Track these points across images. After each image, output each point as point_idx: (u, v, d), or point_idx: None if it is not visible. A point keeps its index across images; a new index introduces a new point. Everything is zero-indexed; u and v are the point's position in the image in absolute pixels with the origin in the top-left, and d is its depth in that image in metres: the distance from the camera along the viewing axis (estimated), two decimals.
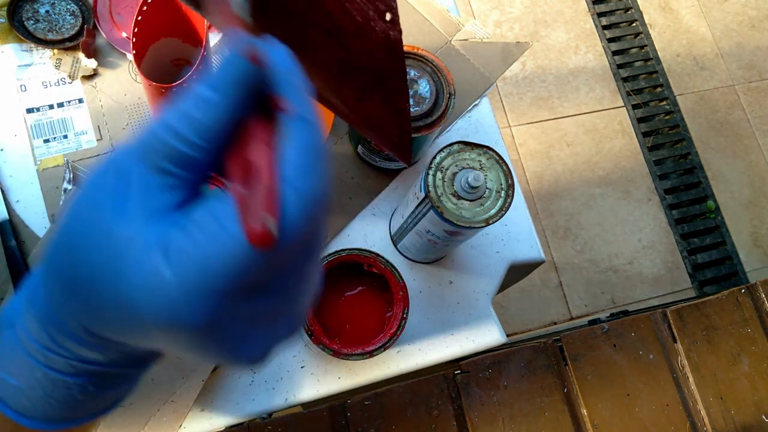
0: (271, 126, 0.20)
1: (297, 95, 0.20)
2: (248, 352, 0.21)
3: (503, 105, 1.65)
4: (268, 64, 0.20)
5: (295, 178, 0.19)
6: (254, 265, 0.18)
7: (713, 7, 1.86)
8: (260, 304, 0.20)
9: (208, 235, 0.18)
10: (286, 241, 0.19)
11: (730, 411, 0.65)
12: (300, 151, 0.19)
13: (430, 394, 0.60)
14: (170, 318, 0.18)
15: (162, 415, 0.55)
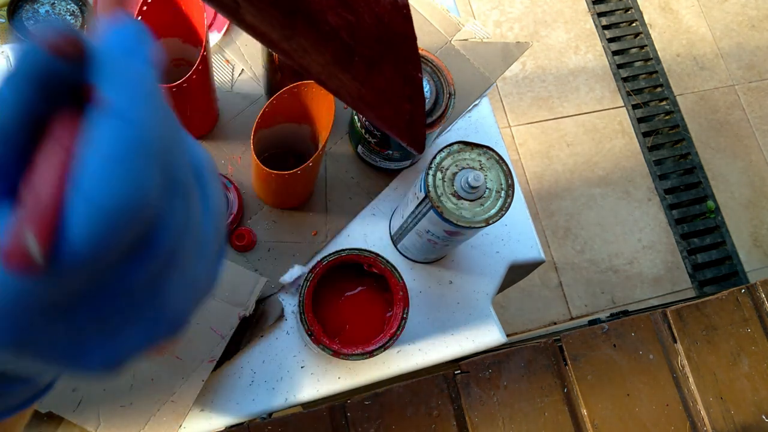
0: (80, 125, 0.17)
1: (120, 81, 0.17)
2: (91, 364, 0.19)
3: (503, 105, 1.65)
4: (88, 51, 0.17)
5: (88, 186, 0.15)
6: (30, 290, 0.16)
7: (713, 7, 1.86)
8: (79, 318, 0.17)
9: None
10: (74, 259, 0.15)
11: (730, 411, 0.65)
12: (103, 151, 0.16)
13: (430, 394, 0.60)
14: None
15: (162, 415, 0.55)
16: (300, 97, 0.55)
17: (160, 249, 0.18)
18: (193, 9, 0.56)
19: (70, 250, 0.15)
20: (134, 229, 0.17)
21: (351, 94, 0.34)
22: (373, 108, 0.36)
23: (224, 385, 0.59)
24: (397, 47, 0.35)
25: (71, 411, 0.54)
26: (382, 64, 0.34)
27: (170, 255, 0.18)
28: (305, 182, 0.60)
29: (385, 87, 0.35)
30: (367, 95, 0.35)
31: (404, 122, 0.38)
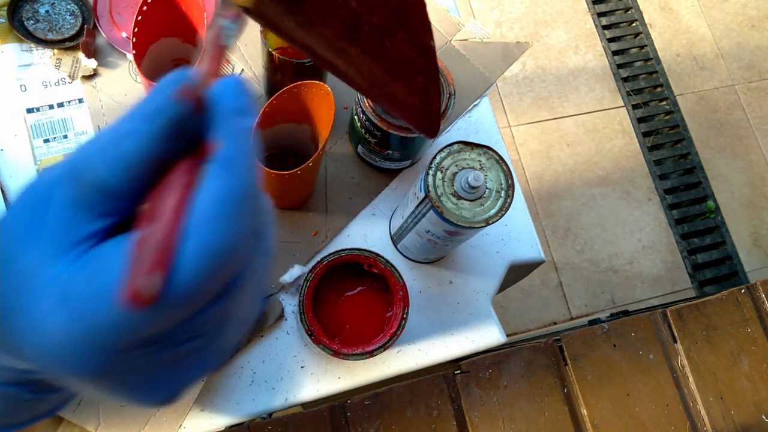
0: (195, 172, 0.18)
1: (230, 136, 0.18)
2: (155, 396, 0.20)
3: (503, 105, 1.65)
4: (207, 105, 0.19)
5: (198, 229, 0.17)
6: (136, 323, 0.17)
7: (713, 7, 1.86)
8: (162, 352, 0.18)
9: (91, 285, 0.17)
10: (179, 297, 0.17)
11: (730, 411, 0.65)
12: (214, 198, 0.17)
13: (430, 394, 0.60)
14: (55, 365, 0.17)
15: (162, 415, 0.55)
16: (300, 97, 0.55)
17: (239, 289, 0.19)
18: (193, 9, 0.56)
19: (179, 286, 0.17)
20: (230, 270, 0.18)
21: (361, 71, 0.32)
22: (385, 85, 0.34)
23: (224, 385, 0.59)
24: (409, 14, 0.33)
25: (71, 411, 0.54)
26: (394, 33, 0.33)
27: (239, 293, 0.20)
28: (305, 182, 0.60)
29: (398, 58, 0.34)
30: (378, 71, 0.33)
31: (419, 99, 0.36)
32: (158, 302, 0.16)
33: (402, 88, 0.35)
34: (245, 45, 0.69)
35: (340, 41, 0.30)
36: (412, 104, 0.36)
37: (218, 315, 0.19)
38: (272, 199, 0.51)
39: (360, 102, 0.58)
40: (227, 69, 0.68)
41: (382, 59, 0.33)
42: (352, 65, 0.32)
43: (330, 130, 0.53)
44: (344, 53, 0.31)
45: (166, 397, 0.20)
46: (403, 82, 0.35)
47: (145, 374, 0.19)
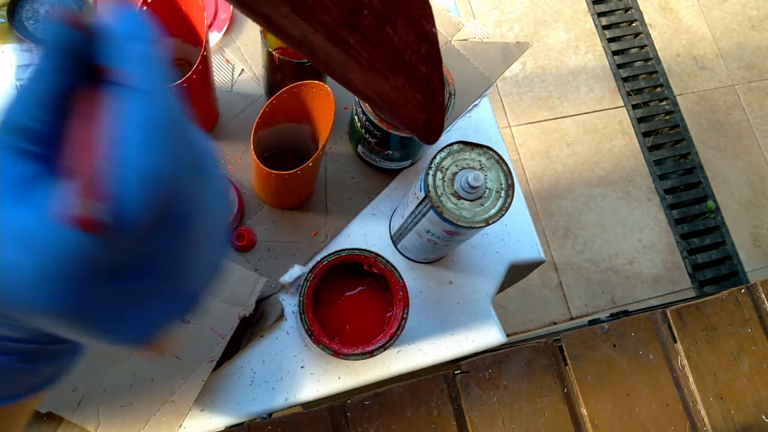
0: (103, 99, 0.19)
1: (136, 64, 0.19)
2: (126, 334, 0.20)
3: (503, 105, 1.65)
4: (98, 31, 0.19)
5: (134, 158, 0.17)
6: (89, 249, 0.17)
7: (713, 7, 1.86)
8: (125, 286, 0.19)
9: (43, 221, 0.17)
10: (129, 225, 0.17)
11: (730, 411, 0.65)
12: (140, 126, 0.18)
13: (430, 394, 0.60)
14: (20, 304, 0.18)
15: (162, 415, 0.55)
16: (300, 97, 0.55)
17: (189, 225, 0.20)
18: (193, 9, 0.56)
19: (127, 212, 0.17)
20: (173, 200, 0.18)
21: (360, 62, 0.31)
22: (386, 76, 0.33)
23: (224, 385, 0.59)
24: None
25: (71, 411, 0.54)
26: (394, 18, 0.31)
27: (191, 229, 0.20)
28: (305, 182, 0.60)
29: (398, 45, 0.32)
30: (378, 60, 0.32)
31: (421, 92, 0.35)
32: (105, 227, 0.17)
33: (403, 80, 0.33)
34: (245, 45, 0.69)
35: (340, 28, 0.29)
36: (414, 99, 0.34)
37: (171, 250, 0.20)
38: (272, 200, 0.51)
39: (360, 102, 0.58)
40: (227, 69, 0.68)
41: (382, 47, 0.31)
42: (352, 56, 0.30)
43: (330, 130, 0.53)
44: (344, 42, 0.29)
45: (136, 336, 0.21)
46: (404, 73, 0.33)
47: (111, 310, 0.19)
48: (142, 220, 0.18)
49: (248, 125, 0.66)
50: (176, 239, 0.20)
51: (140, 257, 0.19)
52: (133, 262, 0.19)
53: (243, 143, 0.66)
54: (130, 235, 0.18)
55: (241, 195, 0.63)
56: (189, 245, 0.20)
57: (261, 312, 0.61)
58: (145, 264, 0.19)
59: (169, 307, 0.21)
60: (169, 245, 0.20)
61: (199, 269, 0.22)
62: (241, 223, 0.63)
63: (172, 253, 0.20)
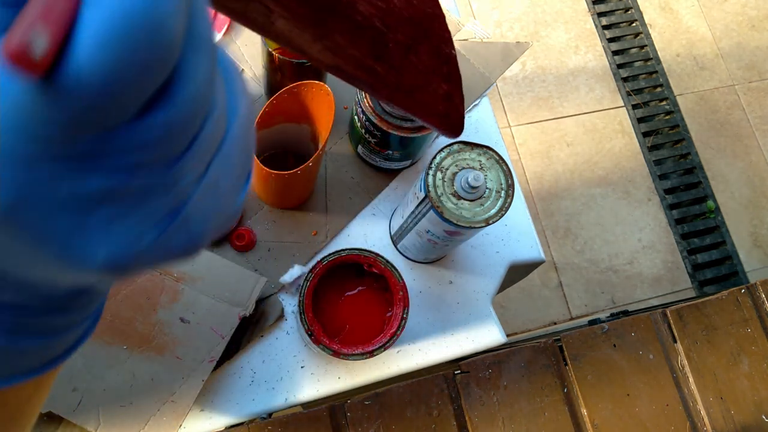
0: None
1: None
2: (94, 253, 0.15)
3: (503, 105, 1.65)
4: None
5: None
6: (36, 108, 0.13)
7: (713, 7, 1.86)
8: (87, 182, 0.14)
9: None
10: (85, 75, 0.12)
11: (730, 411, 0.65)
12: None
13: (430, 394, 0.60)
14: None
15: (162, 415, 0.55)
16: (300, 97, 0.55)
17: (180, 108, 0.15)
18: None
19: (80, 63, 0.13)
20: (153, 59, 0.13)
21: (388, 84, 0.33)
22: (411, 94, 0.35)
23: (224, 385, 0.59)
24: (429, 27, 0.34)
25: (71, 411, 0.54)
26: (417, 47, 0.34)
27: (191, 125, 0.15)
28: (305, 182, 0.60)
29: (422, 69, 0.35)
30: (404, 82, 0.33)
31: (442, 105, 0.38)
32: (59, 79, 0.13)
33: (427, 96, 0.36)
34: (245, 45, 0.69)
35: (368, 60, 0.31)
36: (437, 110, 0.37)
37: (155, 136, 0.14)
38: (272, 200, 0.51)
39: (360, 102, 0.58)
40: None
41: (407, 72, 0.34)
42: (380, 80, 0.33)
43: (330, 130, 0.53)
44: (372, 71, 0.32)
45: (108, 257, 0.15)
46: (427, 91, 0.36)
47: (73, 213, 0.14)
48: (102, 75, 0.13)
49: None
50: (165, 123, 0.15)
51: (109, 143, 0.14)
52: (99, 148, 0.14)
53: None
54: (86, 94, 0.13)
55: None
56: (185, 149, 0.15)
57: (261, 312, 0.61)
58: (117, 155, 0.14)
59: (156, 230, 0.16)
60: (154, 132, 0.15)
61: (204, 197, 0.17)
62: (241, 223, 0.63)
63: (158, 147, 0.15)
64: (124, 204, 0.15)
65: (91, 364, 0.55)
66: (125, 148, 0.14)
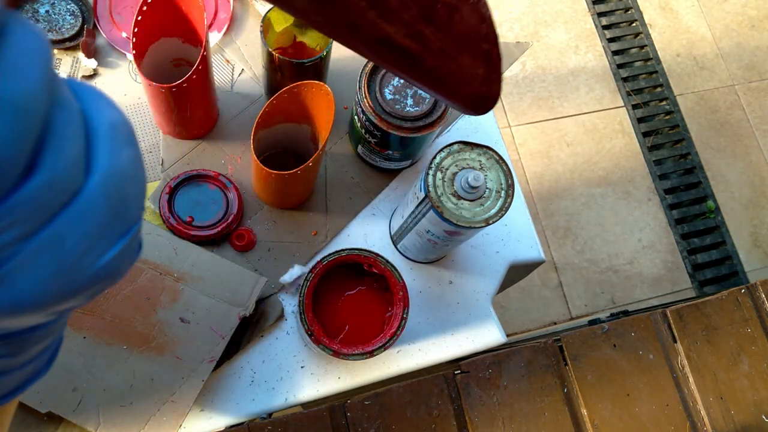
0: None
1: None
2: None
3: (503, 105, 1.65)
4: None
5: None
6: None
7: (713, 7, 1.86)
8: None
9: None
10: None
11: (730, 411, 0.65)
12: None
13: (430, 394, 0.60)
14: None
15: (162, 415, 0.55)
16: (300, 97, 0.55)
17: (46, 174, 0.16)
18: (193, 9, 0.56)
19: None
20: (29, 120, 0.15)
21: (433, 50, 0.35)
22: (454, 59, 0.37)
23: (224, 385, 0.59)
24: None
25: (71, 411, 0.54)
26: (460, 7, 0.36)
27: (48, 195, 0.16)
28: (305, 182, 0.60)
29: (465, 31, 0.37)
30: (449, 46, 0.35)
31: (482, 67, 0.40)
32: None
33: (468, 59, 0.38)
34: (245, 45, 0.69)
35: (419, 23, 0.33)
36: (477, 74, 0.39)
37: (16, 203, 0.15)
38: (272, 200, 0.52)
39: (360, 102, 0.58)
40: (227, 69, 0.68)
41: (452, 34, 0.35)
42: (426, 46, 0.34)
43: (330, 130, 0.53)
44: (420, 36, 0.34)
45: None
46: (468, 52, 0.38)
47: None
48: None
49: (248, 125, 0.66)
50: (29, 187, 0.15)
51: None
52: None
53: (243, 143, 0.66)
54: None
55: (241, 195, 0.63)
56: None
57: (261, 312, 0.61)
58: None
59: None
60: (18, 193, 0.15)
61: (39, 244, 0.17)
62: (241, 223, 0.63)
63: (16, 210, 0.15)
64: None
65: (91, 364, 0.55)
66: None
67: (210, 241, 0.61)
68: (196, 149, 0.65)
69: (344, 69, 0.69)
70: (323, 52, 0.58)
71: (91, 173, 0.17)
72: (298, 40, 0.64)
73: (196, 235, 0.60)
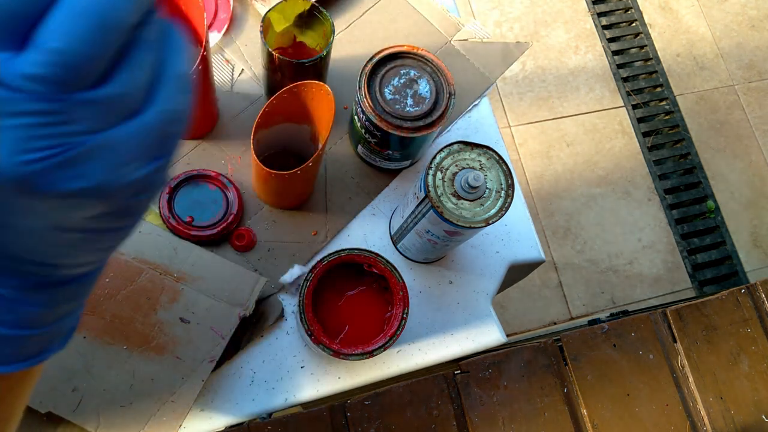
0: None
1: None
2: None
3: (503, 105, 1.65)
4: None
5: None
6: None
7: (713, 7, 1.86)
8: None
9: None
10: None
11: (730, 411, 0.65)
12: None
13: (430, 394, 0.60)
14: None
15: (162, 415, 0.55)
16: (300, 97, 0.55)
17: (116, 88, 0.19)
18: (193, 9, 0.56)
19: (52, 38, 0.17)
20: (113, 32, 0.18)
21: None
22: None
23: (224, 385, 0.59)
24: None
25: (71, 411, 0.54)
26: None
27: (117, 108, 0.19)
28: (305, 182, 0.60)
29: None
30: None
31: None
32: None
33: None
34: (245, 45, 0.69)
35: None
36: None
37: (87, 100, 0.18)
38: (272, 200, 0.53)
39: (360, 102, 0.58)
40: (227, 69, 0.68)
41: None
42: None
43: (330, 130, 0.53)
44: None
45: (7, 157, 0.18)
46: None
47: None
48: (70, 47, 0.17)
49: (248, 125, 0.66)
50: (103, 94, 0.18)
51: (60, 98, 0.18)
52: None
53: (243, 143, 0.66)
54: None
55: (241, 195, 0.63)
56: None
57: (261, 312, 0.61)
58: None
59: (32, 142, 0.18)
60: (91, 98, 0.18)
61: (100, 141, 0.19)
62: (241, 223, 0.63)
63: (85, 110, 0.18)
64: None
65: (91, 364, 0.55)
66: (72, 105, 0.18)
67: (210, 241, 0.61)
68: (196, 149, 0.65)
69: (344, 69, 0.69)
70: (323, 52, 0.58)
71: (153, 103, 0.20)
72: (298, 40, 0.64)
73: (196, 235, 0.60)
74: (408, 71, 0.58)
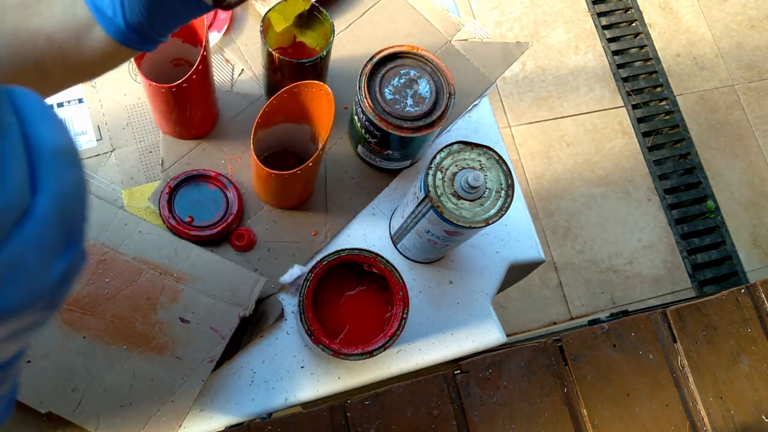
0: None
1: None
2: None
3: (503, 105, 1.65)
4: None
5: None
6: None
7: (713, 7, 1.86)
8: None
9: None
10: None
11: (730, 411, 0.65)
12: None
13: (430, 394, 0.60)
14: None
15: (162, 415, 0.55)
16: (300, 97, 0.55)
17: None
18: None
19: None
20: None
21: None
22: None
23: (224, 385, 0.59)
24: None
25: (71, 411, 0.54)
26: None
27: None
28: (305, 182, 0.60)
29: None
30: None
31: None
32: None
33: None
34: (245, 45, 0.69)
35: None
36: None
37: None
38: (272, 200, 0.53)
39: (360, 102, 0.58)
40: (227, 69, 0.68)
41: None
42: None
43: (330, 130, 0.53)
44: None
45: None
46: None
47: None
48: None
49: (248, 125, 0.66)
50: None
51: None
52: None
53: (243, 143, 0.66)
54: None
55: (241, 195, 0.63)
56: None
57: (261, 312, 0.61)
58: None
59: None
60: None
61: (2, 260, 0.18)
62: (241, 223, 0.63)
63: None
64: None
65: (91, 364, 0.55)
66: None
67: (210, 241, 0.61)
68: (196, 149, 0.65)
69: (344, 69, 0.69)
70: (323, 52, 0.58)
71: (40, 193, 0.18)
72: (298, 40, 0.64)
73: (196, 235, 0.60)
74: (408, 71, 0.58)
